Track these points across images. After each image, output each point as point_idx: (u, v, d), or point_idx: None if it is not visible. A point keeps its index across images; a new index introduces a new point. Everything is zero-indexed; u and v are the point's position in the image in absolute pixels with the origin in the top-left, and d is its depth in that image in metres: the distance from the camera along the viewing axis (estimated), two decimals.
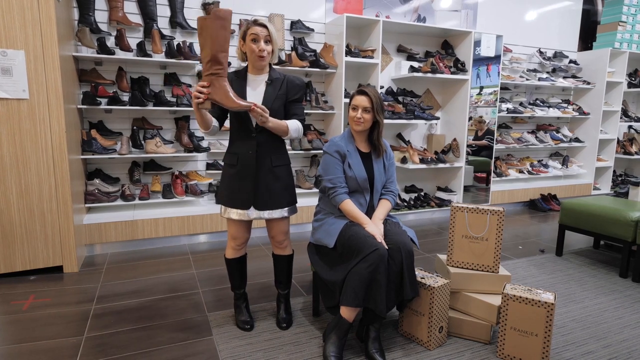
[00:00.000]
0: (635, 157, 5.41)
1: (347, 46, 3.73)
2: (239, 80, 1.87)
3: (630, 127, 5.76)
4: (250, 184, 1.87)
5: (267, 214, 1.91)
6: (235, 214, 1.90)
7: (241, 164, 1.87)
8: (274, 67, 1.93)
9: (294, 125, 1.88)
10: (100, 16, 3.14)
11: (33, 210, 2.56)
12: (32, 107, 2.47)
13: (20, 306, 2.24)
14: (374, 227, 1.82)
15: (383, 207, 1.95)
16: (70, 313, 2.17)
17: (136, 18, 3.24)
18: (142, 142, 3.29)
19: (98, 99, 3.07)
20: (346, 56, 3.63)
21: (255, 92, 1.87)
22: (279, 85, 1.88)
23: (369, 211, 1.95)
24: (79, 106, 2.99)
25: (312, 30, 3.76)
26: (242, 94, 1.84)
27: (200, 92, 1.65)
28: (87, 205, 3.10)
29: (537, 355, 1.73)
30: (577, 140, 5.19)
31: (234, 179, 1.89)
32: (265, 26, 1.77)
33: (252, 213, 1.90)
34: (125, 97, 3.25)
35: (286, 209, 1.95)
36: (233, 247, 2.00)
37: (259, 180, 1.88)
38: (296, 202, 2.02)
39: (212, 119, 1.84)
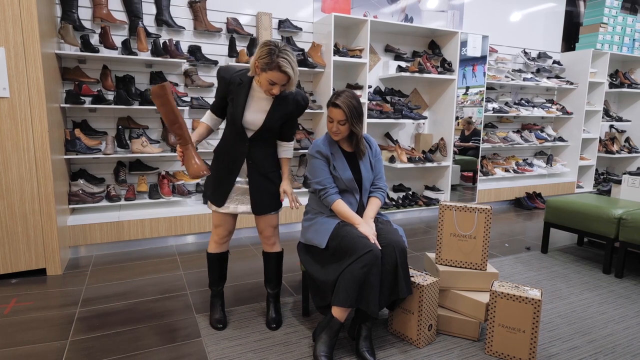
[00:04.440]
0: (617, 155, 5.54)
1: (335, 45, 3.73)
2: (243, 88, 1.78)
3: (611, 126, 5.90)
4: (231, 183, 1.87)
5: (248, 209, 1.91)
6: (223, 207, 1.91)
7: (228, 162, 1.87)
8: None
9: (291, 152, 2.00)
10: (84, 13, 3.07)
11: (14, 212, 2.49)
12: (12, 105, 2.41)
13: (1, 310, 2.18)
14: (367, 227, 1.82)
15: (373, 205, 1.96)
16: (54, 317, 2.12)
17: (121, 15, 3.19)
18: (128, 141, 3.24)
19: (82, 97, 3.00)
20: (334, 55, 3.63)
21: (258, 107, 1.80)
22: (286, 104, 1.83)
23: (360, 210, 1.95)
24: (62, 105, 2.93)
25: (300, 29, 3.75)
26: (241, 107, 1.78)
27: (180, 157, 1.70)
28: (71, 206, 3.04)
29: (524, 351, 1.76)
30: (560, 139, 5.28)
31: (218, 175, 1.89)
32: (288, 76, 1.68)
33: (239, 207, 1.90)
34: (110, 96, 3.19)
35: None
36: (215, 240, 1.99)
37: (256, 187, 1.87)
38: (282, 202, 2.03)
39: (211, 127, 1.91)
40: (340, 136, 1.90)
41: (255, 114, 1.80)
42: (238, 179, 1.89)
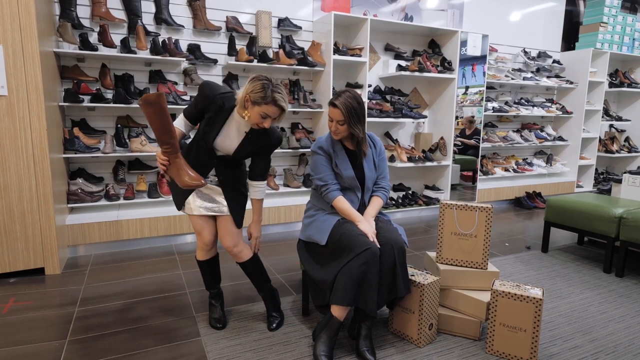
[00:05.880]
0: (616, 155, 5.53)
1: (335, 44, 3.72)
2: (223, 113, 1.74)
3: (611, 126, 5.89)
4: (188, 192, 1.84)
5: (217, 208, 1.86)
6: (190, 209, 1.88)
7: (196, 166, 1.80)
8: None
9: (264, 192, 1.95)
10: (83, 11, 3.06)
11: (12, 211, 2.48)
12: (10, 104, 2.40)
13: None
14: (367, 224, 1.81)
15: (375, 204, 1.95)
16: (52, 316, 2.11)
17: (120, 14, 3.17)
18: (127, 140, 3.23)
19: (80, 96, 2.99)
20: (334, 54, 3.62)
21: (231, 136, 1.77)
22: (259, 139, 1.81)
23: (361, 208, 1.94)
24: (60, 104, 2.91)
25: (300, 28, 3.74)
26: (215, 130, 1.75)
27: (163, 164, 1.65)
28: (69, 205, 3.02)
29: (525, 351, 1.75)
30: (560, 138, 5.28)
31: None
32: (283, 110, 1.68)
33: (212, 209, 1.86)
34: (109, 95, 3.17)
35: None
36: (201, 247, 1.96)
37: (230, 200, 1.86)
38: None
39: (184, 132, 1.83)
40: (339, 136, 1.90)
41: (228, 141, 1.78)
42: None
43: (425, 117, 4.26)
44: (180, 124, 1.84)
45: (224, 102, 1.73)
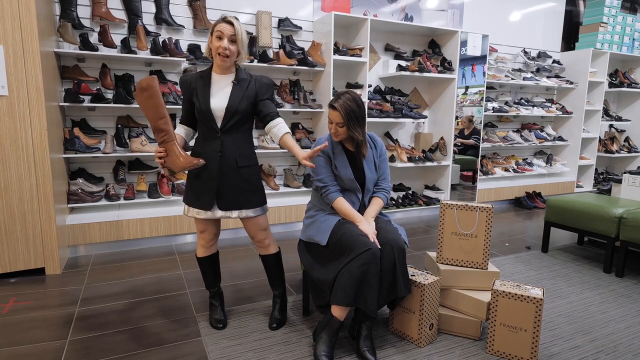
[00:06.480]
0: (616, 155, 5.54)
1: (335, 44, 3.72)
2: (203, 81, 1.81)
3: (611, 126, 5.90)
4: (213, 185, 1.82)
5: (235, 213, 1.85)
6: (199, 213, 1.86)
7: (204, 164, 1.81)
8: (241, 67, 1.88)
9: (285, 126, 1.85)
10: (83, 11, 3.06)
11: (13, 211, 2.48)
12: (11, 103, 2.40)
13: (0, 309, 2.17)
14: (367, 225, 1.81)
15: (375, 205, 1.95)
16: (53, 316, 2.11)
17: (120, 14, 3.17)
18: (127, 140, 3.23)
19: (81, 96, 2.99)
20: (334, 54, 3.62)
21: (221, 93, 1.80)
22: (246, 85, 1.82)
23: (362, 209, 1.94)
24: (61, 104, 2.91)
25: (300, 28, 3.74)
26: (206, 95, 1.79)
27: (160, 158, 1.70)
28: (70, 205, 3.02)
29: (526, 351, 1.75)
30: (560, 139, 5.28)
31: (197, 179, 1.84)
32: (232, 24, 1.73)
33: (218, 212, 1.85)
34: (110, 95, 3.17)
35: (258, 208, 1.90)
36: (202, 244, 1.97)
37: (224, 181, 1.82)
38: (266, 203, 1.95)
39: (184, 138, 1.92)
40: (339, 137, 1.90)
41: (220, 99, 1.79)
42: None
43: (425, 117, 4.26)
44: (180, 131, 1.92)
45: (201, 74, 1.84)
